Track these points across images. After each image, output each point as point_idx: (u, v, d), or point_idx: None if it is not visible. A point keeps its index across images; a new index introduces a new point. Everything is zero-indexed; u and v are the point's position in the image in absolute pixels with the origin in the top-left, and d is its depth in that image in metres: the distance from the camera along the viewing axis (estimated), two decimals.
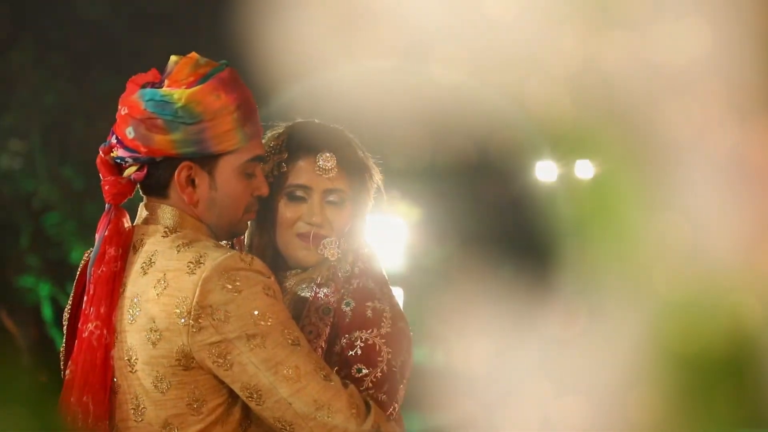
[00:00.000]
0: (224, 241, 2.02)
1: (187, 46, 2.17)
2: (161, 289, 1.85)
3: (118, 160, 1.95)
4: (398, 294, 2.06)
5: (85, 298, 1.93)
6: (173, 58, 1.96)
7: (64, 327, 2.01)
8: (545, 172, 10.82)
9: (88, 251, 2.00)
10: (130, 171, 1.94)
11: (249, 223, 2.05)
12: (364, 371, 1.98)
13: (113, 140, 1.95)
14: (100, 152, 1.96)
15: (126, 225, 1.95)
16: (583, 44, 1.13)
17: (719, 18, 1.09)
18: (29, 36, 10.17)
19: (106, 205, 1.95)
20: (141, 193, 1.99)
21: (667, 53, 1.09)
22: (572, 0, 1.14)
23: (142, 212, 1.98)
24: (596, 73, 1.10)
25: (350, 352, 1.99)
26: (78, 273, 2.01)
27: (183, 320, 1.82)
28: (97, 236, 1.95)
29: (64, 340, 2.01)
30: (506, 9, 1.16)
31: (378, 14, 1.23)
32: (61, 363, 2.01)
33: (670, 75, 1.09)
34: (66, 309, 2.02)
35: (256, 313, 1.82)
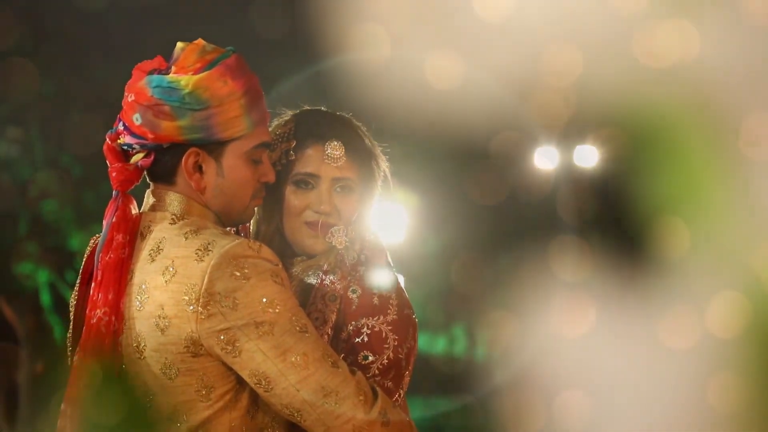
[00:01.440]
0: (230, 228, 2.02)
1: (187, 35, 2.16)
2: (169, 276, 1.85)
3: (125, 147, 1.95)
4: (399, 280, 2.08)
5: (92, 284, 1.93)
6: (179, 44, 1.96)
7: (71, 313, 2.01)
8: (545, 158, 10.80)
9: (95, 237, 2.00)
10: (137, 158, 1.94)
11: (256, 210, 2.05)
12: (371, 358, 1.98)
13: (120, 127, 1.94)
14: (107, 139, 1.96)
15: (133, 212, 1.95)
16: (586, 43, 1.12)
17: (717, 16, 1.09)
18: (28, 24, 10.14)
19: (114, 192, 1.95)
20: (148, 179, 1.99)
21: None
22: None
23: (149, 199, 1.97)
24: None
25: (357, 339, 1.99)
26: (85, 259, 2.01)
27: (191, 307, 1.82)
28: (104, 223, 1.95)
29: (71, 326, 2.01)
30: (507, 7, 1.16)
31: (377, 8, 1.23)
32: (68, 349, 2.01)
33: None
34: (72, 295, 2.02)
35: (264, 300, 1.82)
